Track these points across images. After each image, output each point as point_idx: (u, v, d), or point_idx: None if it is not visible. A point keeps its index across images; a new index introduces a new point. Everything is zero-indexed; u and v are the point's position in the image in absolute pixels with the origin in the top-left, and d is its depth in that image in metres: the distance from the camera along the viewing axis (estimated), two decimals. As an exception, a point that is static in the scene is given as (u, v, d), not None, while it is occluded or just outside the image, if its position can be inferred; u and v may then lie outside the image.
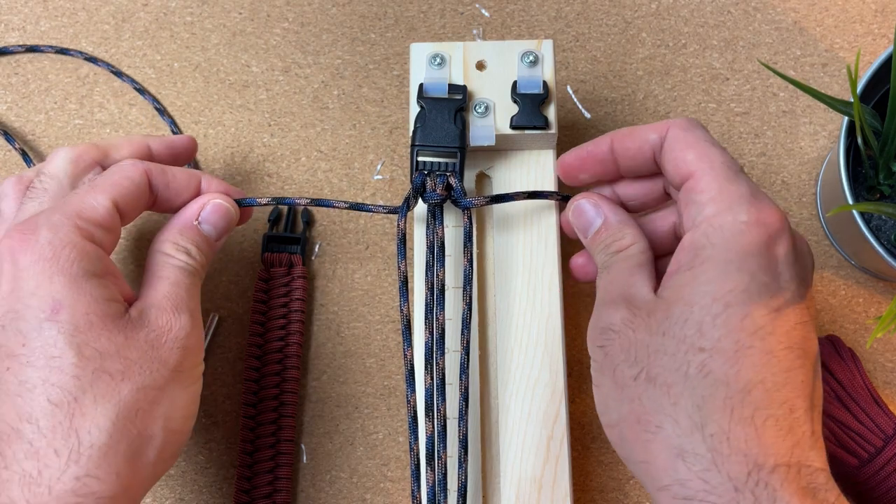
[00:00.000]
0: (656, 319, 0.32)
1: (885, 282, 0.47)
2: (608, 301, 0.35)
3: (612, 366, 0.33)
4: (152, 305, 0.36)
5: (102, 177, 0.37)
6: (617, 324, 0.33)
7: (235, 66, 0.51)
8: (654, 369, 0.31)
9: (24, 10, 0.52)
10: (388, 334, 0.47)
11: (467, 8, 0.52)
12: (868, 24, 0.50)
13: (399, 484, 0.45)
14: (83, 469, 0.32)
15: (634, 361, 0.32)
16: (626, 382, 0.32)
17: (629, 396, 0.32)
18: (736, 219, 0.32)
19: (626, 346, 0.33)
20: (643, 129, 0.37)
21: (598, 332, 0.34)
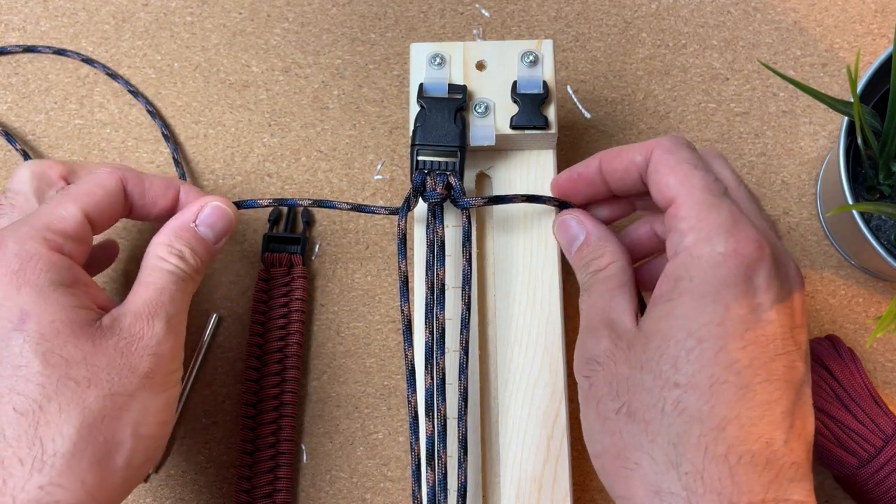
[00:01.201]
0: (635, 353, 0.32)
1: (885, 282, 0.47)
2: (591, 328, 0.35)
3: (596, 398, 0.33)
4: (128, 312, 0.35)
5: (76, 185, 0.37)
6: (601, 355, 0.33)
7: (235, 66, 0.51)
8: (634, 404, 0.31)
9: (24, 10, 0.52)
10: (388, 334, 0.47)
11: (467, 8, 0.52)
12: (868, 24, 0.50)
13: (399, 484, 0.45)
14: (46, 478, 0.32)
15: (616, 395, 0.32)
16: (608, 415, 0.32)
17: (611, 430, 0.32)
18: (713, 250, 0.31)
19: (609, 378, 0.32)
20: (629, 150, 0.36)
21: (584, 363, 0.34)
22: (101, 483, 0.33)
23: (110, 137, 0.50)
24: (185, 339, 0.47)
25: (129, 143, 0.50)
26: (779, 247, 0.33)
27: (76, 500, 0.32)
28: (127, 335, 0.35)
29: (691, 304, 0.31)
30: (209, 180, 0.49)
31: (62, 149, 0.50)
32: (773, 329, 0.31)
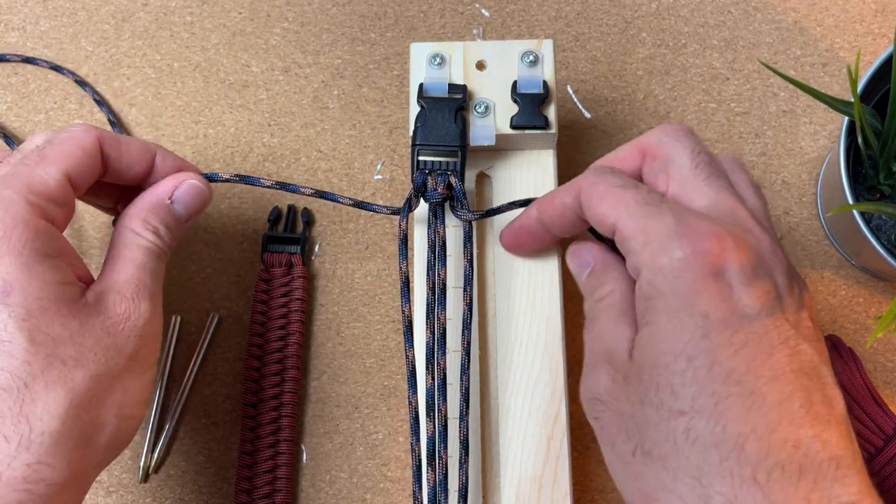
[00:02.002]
0: (633, 387, 0.30)
1: (885, 282, 0.47)
2: (592, 363, 0.33)
3: (611, 440, 0.31)
4: (112, 290, 0.35)
5: (52, 145, 0.35)
6: (602, 394, 0.32)
7: (235, 66, 0.51)
8: (647, 443, 0.29)
9: (24, 10, 0.52)
10: (388, 334, 0.47)
11: (467, 8, 0.52)
12: (868, 24, 0.50)
13: (399, 484, 0.45)
14: (34, 456, 0.31)
15: (628, 436, 0.30)
16: (626, 458, 0.30)
17: (632, 473, 0.30)
18: (672, 257, 0.29)
19: (616, 419, 0.31)
20: (558, 194, 0.36)
21: (589, 403, 0.33)
22: (85, 462, 0.33)
23: (110, 137, 0.50)
24: (185, 339, 0.47)
25: (128, 143, 0.50)
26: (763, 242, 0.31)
27: (62, 478, 0.32)
28: (113, 315, 0.34)
29: (668, 322, 0.29)
30: (209, 180, 0.49)
31: (62, 149, 0.50)
32: (762, 322, 0.29)
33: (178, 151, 0.49)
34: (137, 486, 0.45)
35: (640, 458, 0.29)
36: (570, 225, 0.36)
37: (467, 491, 0.38)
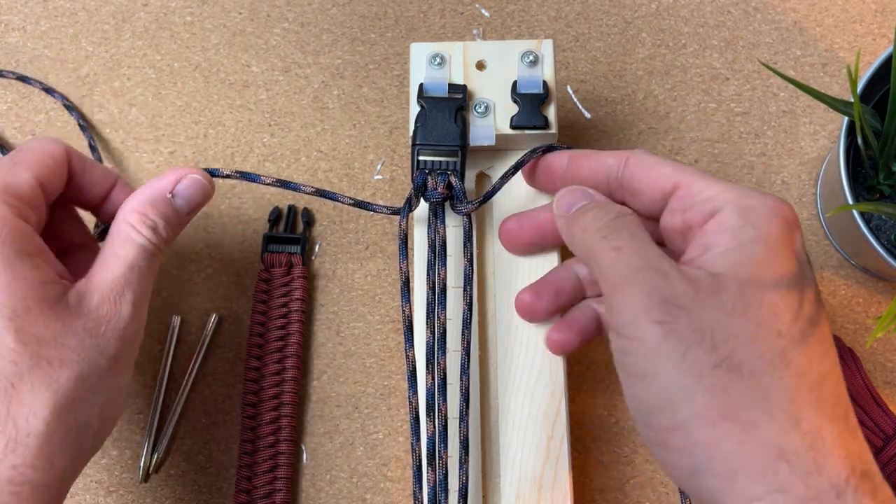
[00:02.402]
0: (729, 297, 0.28)
1: (885, 282, 0.47)
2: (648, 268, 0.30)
3: (681, 349, 0.28)
4: (96, 289, 0.34)
5: (23, 152, 0.36)
6: (680, 297, 0.28)
7: (235, 66, 0.51)
8: (738, 356, 0.28)
9: (24, 10, 0.52)
10: (388, 334, 0.47)
11: (467, 8, 0.52)
12: (868, 24, 0.50)
13: (399, 484, 0.45)
14: (20, 458, 0.31)
15: (713, 347, 0.28)
16: (702, 370, 0.28)
17: (708, 387, 0.27)
18: (762, 202, 0.30)
19: (698, 326, 0.28)
20: (599, 153, 0.37)
21: (657, 303, 0.29)
22: (69, 463, 0.33)
23: (110, 137, 0.50)
24: (185, 339, 0.47)
25: (129, 142, 0.50)
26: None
27: (46, 480, 0.32)
28: (95, 316, 0.34)
29: (767, 253, 0.29)
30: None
31: (62, 149, 0.50)
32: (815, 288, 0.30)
33: (178, 151, 0.49)
34: (137, 486, 0.45)
35: (723, 373, 0.27)
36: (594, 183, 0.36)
37: (467, 491, 0.38)
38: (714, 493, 0.27)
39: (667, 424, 0.28)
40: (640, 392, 0.29)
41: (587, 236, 0.33)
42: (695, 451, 0.28)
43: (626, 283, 0.30)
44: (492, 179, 0.43)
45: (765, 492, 0.26)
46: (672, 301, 0.29)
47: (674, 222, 0.33)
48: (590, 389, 0.46)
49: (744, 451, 0.27)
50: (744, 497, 0.27)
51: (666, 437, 0.28)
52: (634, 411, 0.30)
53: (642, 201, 0.35)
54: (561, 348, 0.39)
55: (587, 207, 0.35)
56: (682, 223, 0.32)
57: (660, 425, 0.28)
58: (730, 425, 0.27)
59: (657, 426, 0.29)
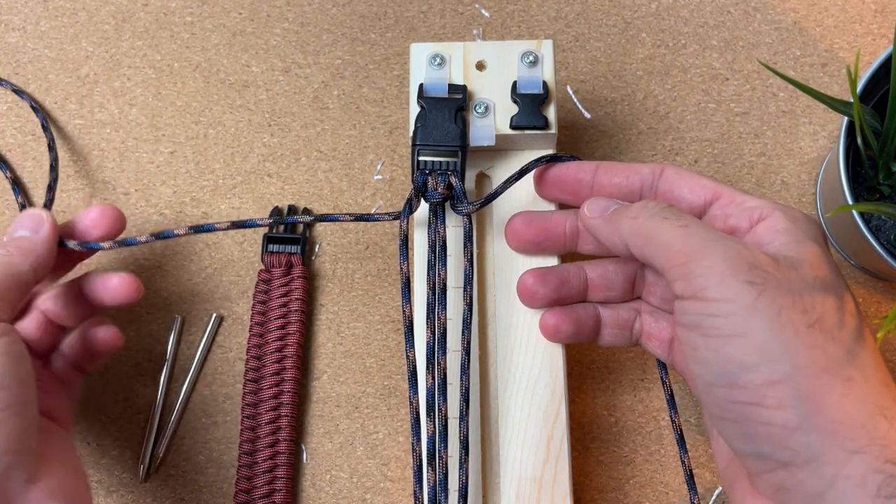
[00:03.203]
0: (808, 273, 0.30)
1: (885, 282, 0.47)
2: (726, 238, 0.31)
3: (776, 307, 0.28)
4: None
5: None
6: (766, 264, 0.30)
7: (235, 66, 0.51)
8: (828, 322, 0.29)
9: (25, 10, 0.52)
10: (388, 334, 0.47)
11: (467, 8, 0.52)
12: (868, 24, 0.50)
13: (399, 484, 0.45)
14: None
15: (805, 310, 0.29)
16: (798, 328, 0.28)
17: (808, 343, 0.28)
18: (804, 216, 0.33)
19: (787, 290, 0.29)
20: (632, 165, 0.38)
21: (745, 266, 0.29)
22: None
23: (110, 137, 0.50)
24: (186, 339, 0.47)
25: (129, 143, 0.50)
26: None
27: None
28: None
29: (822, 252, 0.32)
30: (209, 180, 0.49)
31: (62, 149, 0.50)
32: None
33: (178, 152, 0.49)
34: (137, 486, 0.45)
35: (817, 333, 0.28)
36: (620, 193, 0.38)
37: (467, 491, 0.38)
38: (813, 446, 0.27)
39: (765, 379, 0.28)
40: (731, 351, 0.29)
41: (641, 222, 0.33)
42: (798, 403, 0.28)
43: (708, 249, 0.30)
44: (492, 179, 0.43)
45: (866, 444, 0.27)
46: (758, 265, 0.29)
47: (715, 225, 0.35)
48: (590, 389, 0.46)
49: (848, 403, 0.27)
50: (843, 449, 0.27)
51: (764, 391, 0.28)
52: (717, 374, 0.29)
53: (679, 206, 0.36)
54: (553, 333, 0.39)
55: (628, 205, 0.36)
56: (725, 227, 0.34)
57: (755, 382, 0.28)
58: (832, 378, 0.28)
59: (752, 383, 0.28)
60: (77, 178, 0.49)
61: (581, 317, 0.39)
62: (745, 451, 0.30)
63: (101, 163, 0.49)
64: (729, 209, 0.34)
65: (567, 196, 0.40)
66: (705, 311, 0.29)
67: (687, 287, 0.30)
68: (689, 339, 0.30)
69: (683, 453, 0.39)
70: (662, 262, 0.32)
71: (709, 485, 0.44)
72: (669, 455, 0.44)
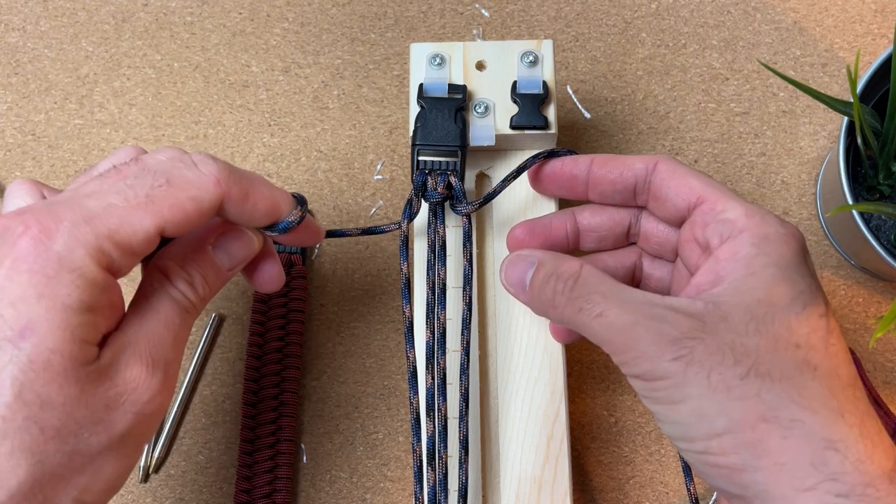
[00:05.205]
0: (740, 320, 0.30)
1: (885, 282, 0.47)
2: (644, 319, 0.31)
3: (704, 371, 0.29)
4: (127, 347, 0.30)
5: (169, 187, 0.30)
6: (690, 331, 0.30)
7: (235, 66, 0.51)
8: (763, 366, 0.29)
9: (24, 10, 0.52)
10: (388, 334, 0.47)
11: (467, 8, 0.52)
12: (868, 24, 0.50)
13: (399, 484, 0.45)
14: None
15: (736, 362, 0.29)
16: (732, 383, 0.29)
17: (741, 396, 0.29)
18: (777, 230, 0.32)
19: (715, 348, 0.29)
20: (626, 157, 0.37)
21: (668, 344, 0.30)
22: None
23: (110, 137, 0.50)
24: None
25: (128, 143, 0.50)
26: None
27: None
28: (121, 383, 0.30)
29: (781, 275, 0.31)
30: (209, 180, 0.49)
31: (62, 149, 0.50)
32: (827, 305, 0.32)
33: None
34: (137, 486, 0.45)
35: (754, 381, 0.29)
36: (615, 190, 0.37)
37: (467, 491, 0.38)
38: (759, 484, 0.28)
39: (706, 434, 0.29)
40: (674, 415, 0.30)
41: (561, 312, 0.33)
42: (741, 451, 0.29)
43: (630, 340, 0.31)
44: (491, 179, 0.43)
45: (816, 482, 0.27)
46: (683, 336, 0.30)
47: (694, 234, 0.35)
48: (590, 389, 0.46)
49: (790, 444, 0.28)
50: (793, 488, 0.27)
51: (708, 443, 0.29)
52: (670, 431, 0.31)
53: (666, 207, 0.36)
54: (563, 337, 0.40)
55: (540, 280, 0.34)
56: (702, 239, 0.34)
57: (699, 435, 0.30)
58: (770, 426, 0.28)
59: (697, 436, 0.30)
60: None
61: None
62: (710, 485, 0.31)
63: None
64: (707, 217, 0.34)
65: (564, 192, 0.40)
66: (647, 387, 0.31)
67: (628, 370, 0.32)
68: (646, 405, 0.32)
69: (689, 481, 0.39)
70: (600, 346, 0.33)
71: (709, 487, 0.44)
72: (669, 455, 0.44)
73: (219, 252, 0.34)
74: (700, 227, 0.34)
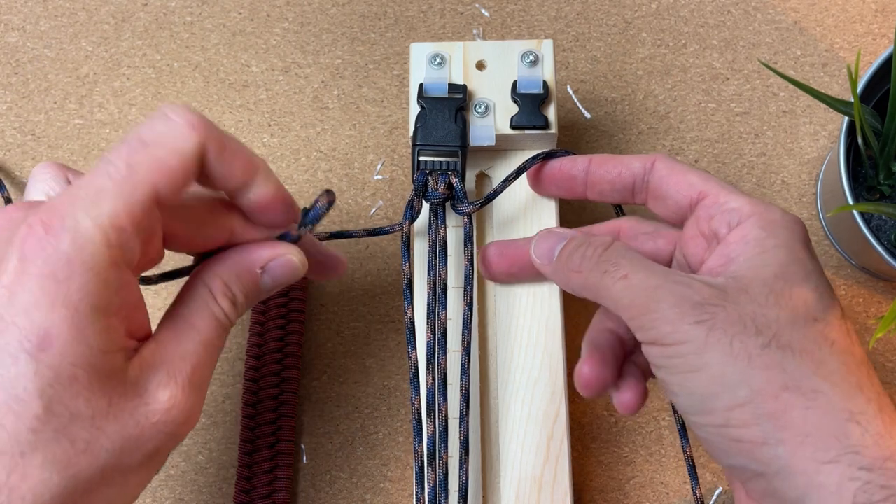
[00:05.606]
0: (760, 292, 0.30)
1: (885, 282, 0.47)
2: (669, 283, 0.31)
3: (726, 338, 0.29)
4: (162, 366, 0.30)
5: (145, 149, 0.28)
6: (712, 298, 0.30)
7: (235, 66, 0.51)
8: (784, 337, 0.29)
9: (24, 10, 0.52)
10: (388, 334, 0.47)
11: (467, 8, 0.52)
12: (868, 24, 0.50)
13: (399, 484, 0.45)
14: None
15: (758, 331, 0.29)
16: (752, 352, 0.29)
17: (763, 365, 0.29)
18: (783, 216, 0.33)
19: (737, 317, 0.30)
20: (624, 157, 0.38)
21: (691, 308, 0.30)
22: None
23: (110, 137, 0.50)
24: (185, 339, 0.47)
25: (128, 143, 0.50)
26: None
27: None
28: (152, 401, 0.29)
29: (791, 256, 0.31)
30: (209, 180, 0.49)
31: (62, 149, 0.50)
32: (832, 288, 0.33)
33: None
34: (137, 486, 0.45)
35: (775, 351, 0.29)
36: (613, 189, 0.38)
37: (467, 491, 0.38)
38: (781, 458, 0.28)
39: (726, 404, 0.29)
40: (693, 385, 0.30)
41: (585, 276, 0.34)
42: (762, 422, 0.28)
43: (652, 302, 0.31)
44: (492, 179, 0.43)
45: (838, 454, 0.27)
46: (704, 302, 0.30)
47: (700, 229, 0.35)
48: (590, 389, 0.46)
49: (813, 415, 0.28)
50: (815, 461, 0.27)
51: (727, 415, 0.29)
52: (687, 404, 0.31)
53: (667, 204, 0.36)
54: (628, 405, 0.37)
55: (570, 249, 0.35)
56: (709, 231, 0.34)
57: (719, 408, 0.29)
58: (793, 395, 0.28)
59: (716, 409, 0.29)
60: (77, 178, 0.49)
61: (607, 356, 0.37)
62: (725, 464, 0.31)
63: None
64: (712, 210, 0.34)
65: (562, 193, 0.41)
66: (665, 353, 0.31)
67: (645, 336, 0.31)
68: (661, 377, 0.32)
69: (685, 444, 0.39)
70: (618, 313, 0.33)
71: (709, 485, 0.44)
72: (669, 455, 0.44)
73: (266, 276, 0.33)
74: (705, 220, 0.34)
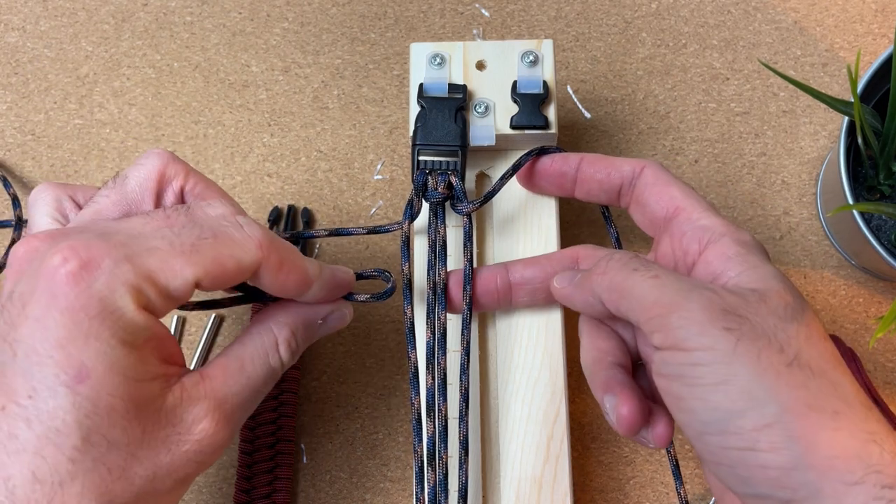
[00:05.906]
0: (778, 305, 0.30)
1: (885, 282, 0.47)
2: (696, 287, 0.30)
3: (755, 351, 0.28)
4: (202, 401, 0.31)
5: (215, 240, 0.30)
6: (738, 307, 0.29)
7: (235, 66, 0.51)
8: (804, 356, 0.29)
9: (24, 10, 0.52)
10: (388, 334, 0.47)
11: (467, 8, 0.52)
12: (868, 24, 0.50)
13: (399, 484, 0.45)
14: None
15: (781, 348, 0.28)
16: (779, 369, 0.28)
17: (791, 383, 0.28)
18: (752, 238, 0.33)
19: (762, 331, 0.29)
20: (616, 160, 0.38)
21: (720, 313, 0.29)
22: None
23: (110, 137, 0.50)
24: (185, 339, 0.47)
25: (128, 142, 0.50)
26: None
27: None
28: (184, 431, 0.30)
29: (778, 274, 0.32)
30: (209, 180, 0.49)
31: (62, 149, 0.50)
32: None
33: (178, 152, 0.49)
34: (137, 486, 0.45)
35: (798, 370, 0.28)
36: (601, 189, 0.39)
37: (467, 491, 0.38)
38: (811, 484, 0.27)
39: (755, 424, 0.28)
40: (717, 399, 0.28)
41: (611, 276, 0.33)
42: (792, 444, 0.27)
43: (682, 299, 0.30)
44: (492, 179, 0.43)
45: (863, 475, 0.27)
46: (731, 310, 0.29)
47: (672, 247, 0.35)
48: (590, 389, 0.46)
49: (840, 437, 0.27)
50: (843, 482, 0.27)
51: (756, 436, 0.28)
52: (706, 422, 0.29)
53: (645, 213, 0.37)
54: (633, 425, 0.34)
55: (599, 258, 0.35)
56: (680, 249, 0.34)
57: (746, 427, 0.28)
58: (819, 415, 0.27)
59: (743, 429, 0.28)
60: (77, 178, 0.49)
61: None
62: (745, 493, 0.29)
63: (101, 163, 0.49)
64: (685, 227, 0.34)
65: (553, 190, 0.41)
66: (687, 360, 0.29)
67: (666, 338, 0.30)
68: (674, 390, 0.30)
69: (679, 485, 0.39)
70: (638, 315, 0.31)
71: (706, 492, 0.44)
72: (670, 455, 0.44)
73: (323, 327, 0.36)
74: (678, 237, 0.35)
